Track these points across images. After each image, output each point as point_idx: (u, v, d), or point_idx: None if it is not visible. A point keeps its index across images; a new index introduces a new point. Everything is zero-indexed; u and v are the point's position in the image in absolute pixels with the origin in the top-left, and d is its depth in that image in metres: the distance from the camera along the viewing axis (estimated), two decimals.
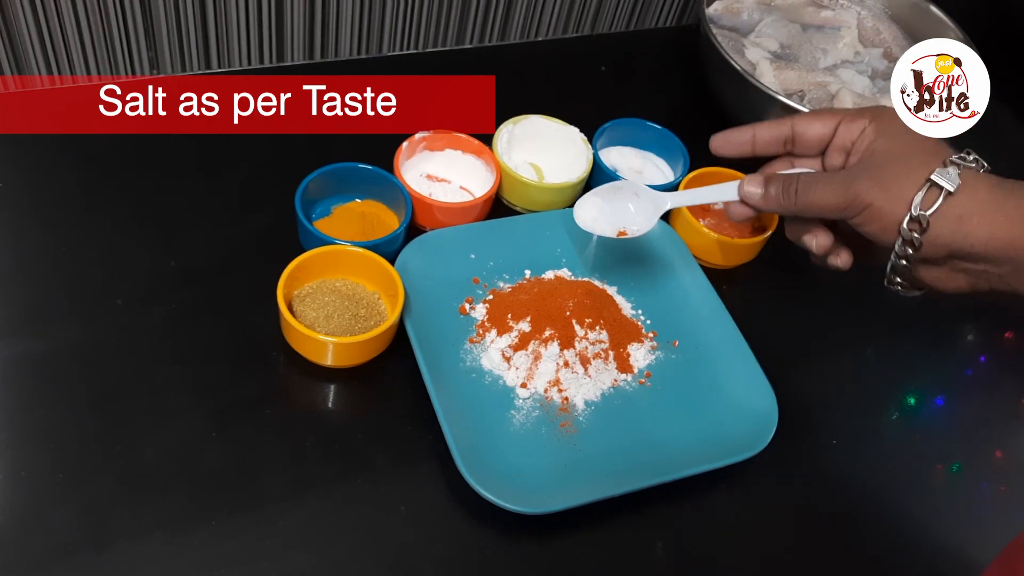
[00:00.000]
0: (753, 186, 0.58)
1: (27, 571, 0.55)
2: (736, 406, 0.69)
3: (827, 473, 0.71)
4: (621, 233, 0.66)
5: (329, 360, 0.65)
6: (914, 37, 0.98)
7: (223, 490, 0.60)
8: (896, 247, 0.52)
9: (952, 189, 0.50)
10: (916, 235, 0.51)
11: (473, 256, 0.75)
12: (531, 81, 0.95)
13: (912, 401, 0.75)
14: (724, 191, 0.60)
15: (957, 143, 0.54)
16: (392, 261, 0.69)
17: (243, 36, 0.83)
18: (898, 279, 0.54)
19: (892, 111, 0.55)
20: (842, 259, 0.57)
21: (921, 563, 0.68)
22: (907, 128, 0.55)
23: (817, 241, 0.57)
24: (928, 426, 0.77)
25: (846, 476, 0.71)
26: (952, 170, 0.50)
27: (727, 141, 0.60)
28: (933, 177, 0.50)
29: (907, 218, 0.50)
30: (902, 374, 0.80)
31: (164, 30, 0.79)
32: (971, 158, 0.51)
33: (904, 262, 0.52)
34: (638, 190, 0.66)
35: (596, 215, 0.67)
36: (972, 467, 0.74)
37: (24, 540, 0.56)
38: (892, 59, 0.97)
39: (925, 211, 0.50)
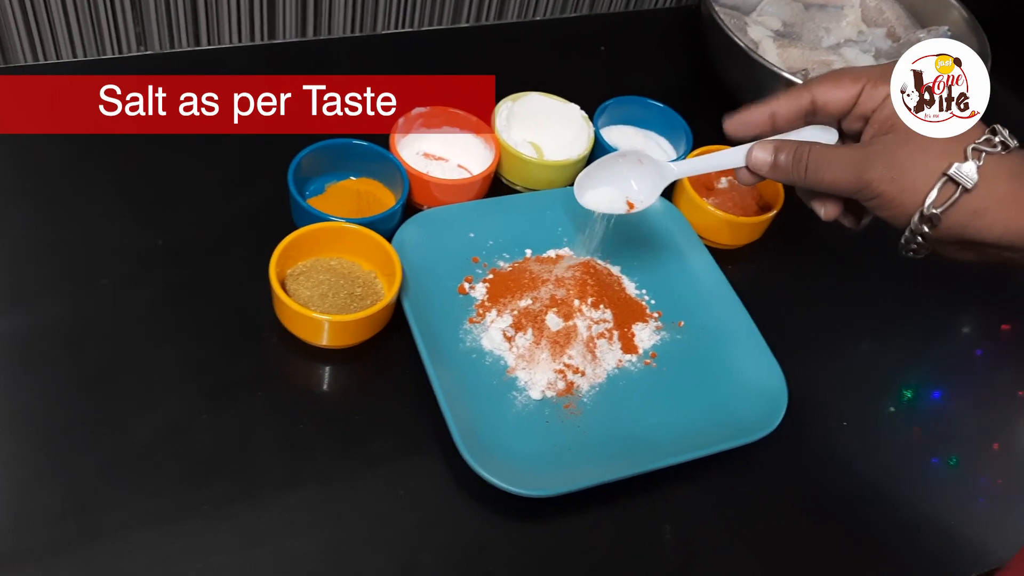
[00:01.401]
0: (763, 153, 0.55)
1: (10, 556, 0.52)
2: (744, 387, 0.67)
3: (837, 455, 0.69)
4: (630, 206, 0.63)
5: (324, 340, 0.63)
6: (917, 17, 0.97)
7: (215, 474, 0.58)
8: (906, 232, 0.51)
9: (969, 187, 0.48)
10: (926, 228, 0.49)
11: (472, 235, 0.73)
12: (529, 60, 0.93)
13: (909, 394, 0.74)
14: (732, 157, 0.57)
15: None
16: (388, 239, 0.67)
17: (233, 11, 0.81)
18: (910, 253, 0.53)
19: None
20: (849, 220, 0.56)
21: (928, 546, 0.66)
22: None
23: (825, 209, 0.56)
24: (937, 410, 0.75)
25: (856, 458, 0.69)
26: (971, 164, 0.48)
27: (744, 124, 0.56)
28: (950, 173, 0.48)
29: (918, 214, 0.49)
30: (914, 355, 0.78)
31: (151, 4, 0.77)
32: (997, 139, 0.49)
33: (914, 244, 0.51)
34: (641, 157, 0.62)
35: (600, 192, 0.64)
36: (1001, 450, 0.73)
37: (7, 524, 0.54)
38: (896, 39, 0.95)
39: (937, 209, 0.49)
